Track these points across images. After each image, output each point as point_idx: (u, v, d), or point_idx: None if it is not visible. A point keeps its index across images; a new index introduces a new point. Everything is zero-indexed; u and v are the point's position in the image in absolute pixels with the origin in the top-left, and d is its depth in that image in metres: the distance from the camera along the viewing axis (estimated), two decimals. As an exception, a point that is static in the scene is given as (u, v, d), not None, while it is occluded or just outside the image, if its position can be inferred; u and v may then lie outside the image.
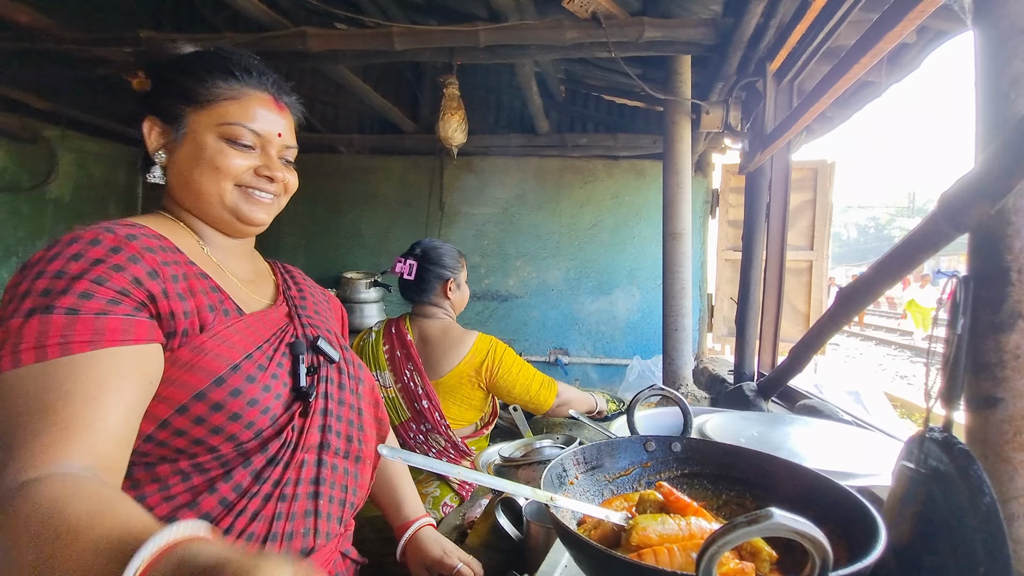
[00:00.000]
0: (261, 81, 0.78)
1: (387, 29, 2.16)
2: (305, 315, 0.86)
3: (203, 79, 0.75)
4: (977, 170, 0.77)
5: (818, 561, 0.42)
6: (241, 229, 0.81)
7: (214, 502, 0.68)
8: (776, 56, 2.01)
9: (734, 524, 0.42)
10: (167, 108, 0.76)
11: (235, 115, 0.75)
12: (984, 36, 0.82)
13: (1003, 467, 0.77)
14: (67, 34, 2.33)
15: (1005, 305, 0.76)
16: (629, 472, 0.82)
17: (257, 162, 0.77)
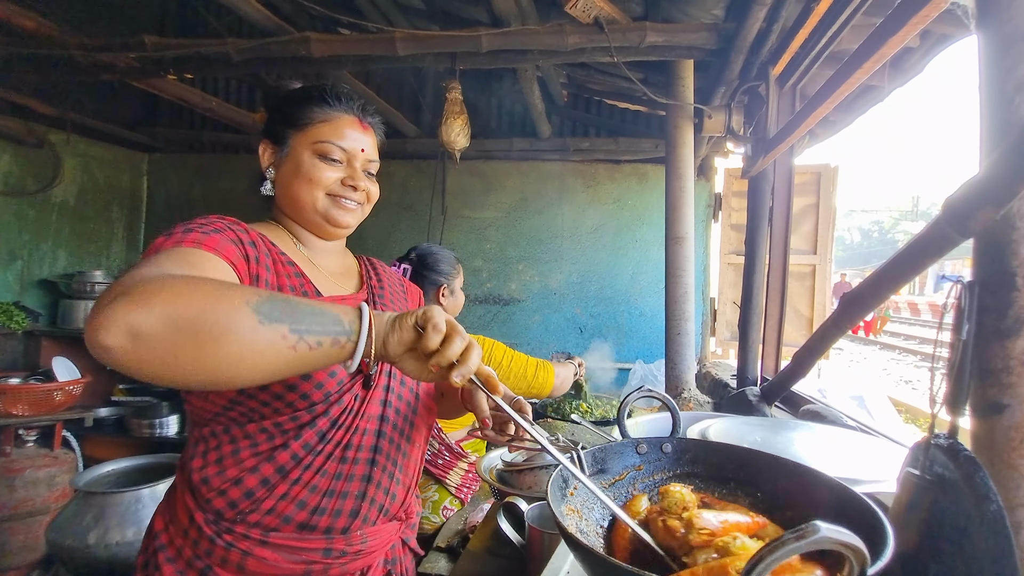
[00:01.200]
0: (349, 106, 0.93)
1: (390, 34, 2.17)
2: (381, 303, 0.99)
3: (302, 106, 0.91)
4: (982, 175, 0.77)
5: (856, 567, 0.43)
6: (330, 231, 0.94)
7: (287, 456, 0.81)
8: (779, 61, 2.01)
9: (783, 541, 0.42)
10: (276, 132, 0.93)
11: (326, 134, 0.90)
12: (988, 41, 0.82)
13: (1010, 474, 0.76)
14: (72, 39, 2.35)
15: (1011, 311, 0.76)
16: (624, 476, 0.81)
17: (344, 174, 0.92)
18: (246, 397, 0.80)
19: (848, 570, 0.45)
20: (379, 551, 0.91)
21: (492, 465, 1.35)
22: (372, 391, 0.89)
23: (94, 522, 2.06)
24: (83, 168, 3.57)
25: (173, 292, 0.56)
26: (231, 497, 0.81)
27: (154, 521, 0.89)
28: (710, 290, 3.74)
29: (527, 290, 3.91)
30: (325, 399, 0.83)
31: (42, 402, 2.80)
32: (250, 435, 0.82)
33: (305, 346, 0.60)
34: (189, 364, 0.56)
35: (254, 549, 0.80)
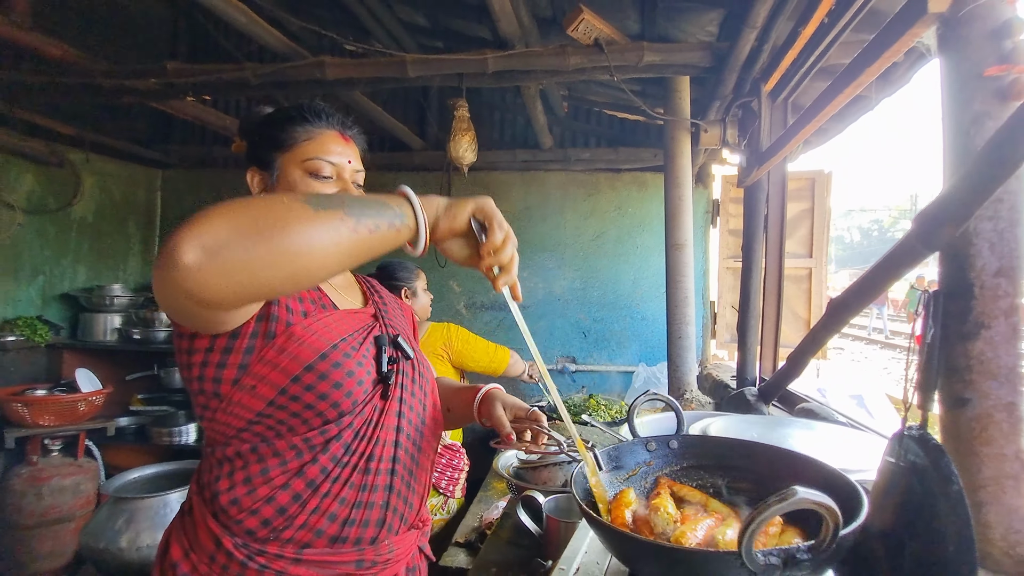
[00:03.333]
0: (329, 121, 0.94)
1: (401, 58, 2.28)
2: (387, 318, 1.01)
3: (284, 128, 0.92)
4: (943, 196, 0.88)
5: (831, 524, 0.53)
6: None
7: (317, 470, 0.83)
8: (770, 77, 2.12)
9: (768, 503, 0.52)
10: (262, 157, 0.93)
11: (313, 151, 0.91)
12: (947, 77, 0.93)
13: (972, 460, 0.86)
14: (96, 66, 2.46)
15: (970, 316, 0.86)
16: (637, 472, 0.91)
17: (337, 188, 0.93)
18: (275, 408, 0.80)
19: (825, 528, 0.55)
20: (403, 560, 0.94)
21: (509, 464, 1.45)
22: (389, 403, 0.91)
23: (126, 526, 2.16)
24: (100, 185, 3.68)
25: (230, 207, 0.59)
26: (264, 515, 0.81)
27: (170, 549, 0.86)
28: (710, 294, 3.84)
29: (532, 297, 4.01)
30: (352, 408, 0.84)
31: (67, 412, 2.91)
32: (279, 452, 0.82)
33: (365, 229, 0.62)
34: (265, 265, 0.57)
35: (288, 568, 0.81)
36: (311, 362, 0.81)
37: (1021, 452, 0.87)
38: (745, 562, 0.54)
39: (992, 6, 0.87)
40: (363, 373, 0.86)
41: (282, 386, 0.80)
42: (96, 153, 3.53)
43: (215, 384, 0.80)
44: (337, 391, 0.82)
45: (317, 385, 0.81)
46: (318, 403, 0.81)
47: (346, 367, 0.84)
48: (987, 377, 0.86)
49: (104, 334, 3.47)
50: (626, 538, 0.67)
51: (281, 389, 0.80)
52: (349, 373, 0.84)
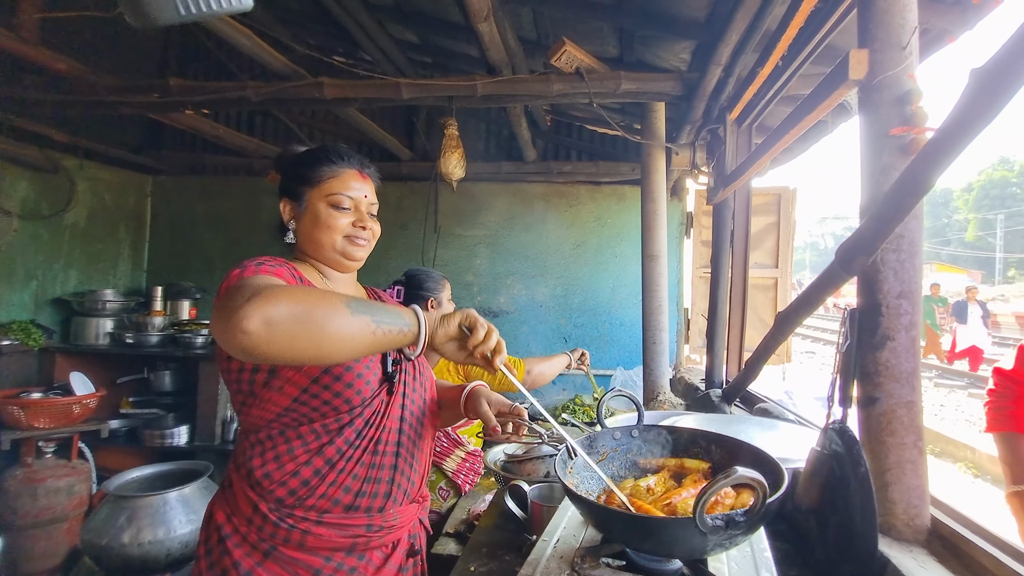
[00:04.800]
0: (350, 162, 1.12)
1: (395, 81, 2.43)
2: None
3: (313, 166, 1.10)
4: (858, 232, 1.07)
5: (760, 494, 0.70)
6: (347, 265, 1.13)
7: (333, 451, 1.00)
8: (735, 107, 2.32)
9: (717, 479, 0.69)
10: (293, 191, 1.11)
11: (336, 187, 1.09)
12: (864, 131, 1.12)
13: (880, 448, 1.05)
14: (101, 81, 2.55)
15: (879, 330, 1.05)
16: (605, 457, 1.08)
17: (354, 218, 1.10)
18: (299, 404, 0.98)
19: (755, 497, 0.72)
20: (405, 527, 1.11)
21: (496, 458, 1.61)
22: (393, 397, 1.08)
23: (127, 523, 2.26)
24: (92, 191, 3.74)
25: (292, 293, 0.78)
26: (291, 486, 0.99)
27: (214, 514, 1.05)
28: (684, 301, 4.06)
29: (515, 303, 4.18)
30: (361, 403, 1.02)
31: (62, 415, 2.97)
32: (302, 435, 1.00)
33: (382, 333, 0.82)
34: (305, 343, 0.76)
35: (312, 528, 0.99)
36: (328, 367, 0.98)
37: (919, 441, 1.06)
38: (698, 525, 0.71)
39: (898, 77, 1.06)
40: (371, 375, 1.04)
41: (304, 386, 0.98)
42: (89, 159, 3.60)
43: (250, 385, 1.00)
44: (349, 390, 1.00)
45: (333, 385, 0.99)
46: (334, 399, 0.99)
47: (356, 370, 1.01)
48: (892, 380, 1.05)
49: (96, 338, 3.53)
50: (601, 509, 0.84)
51: (303, 388, 0.98)
52: (359, 375, 1.01)
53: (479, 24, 2.03)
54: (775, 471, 0.89)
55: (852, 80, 1.12)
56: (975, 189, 41.91)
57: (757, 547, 0.97)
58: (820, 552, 1.12)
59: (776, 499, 0.80)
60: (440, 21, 3.09)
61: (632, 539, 0.87)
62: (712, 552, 0.82)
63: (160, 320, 3.66)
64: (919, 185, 0.91)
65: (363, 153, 4.59)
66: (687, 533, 0.75)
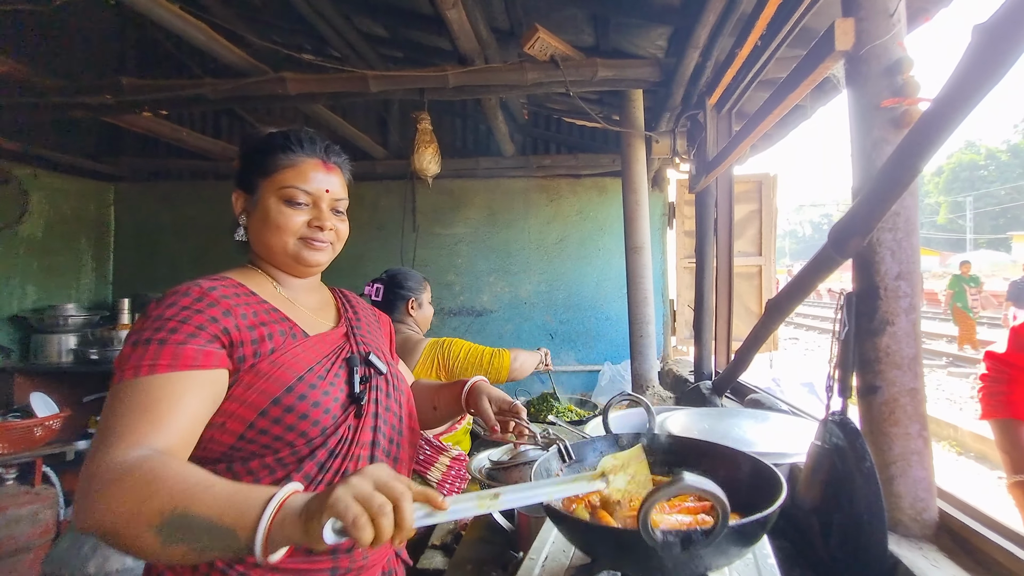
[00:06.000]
0: (312, 149, 0.96)
1: (362, 73, 2.32)
2: (360, 334, 1.03)
3: (268, 153, 0.94)
4: (851, 212, 1.01)
5: (720, 510, 0.62)
6: (303, 271, 0.99)
7: None
8: (714, 91, 2.27)
9: (659, 488, 0.61)
10: (247, 181, 0.96)
11: (291, 179, 0.93)
12: (852, 105, 1.06)
13: (883, 439, 0.99)
14: (47, 82, 2.40)
15: (877, 315, 0.99)
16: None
17: (310, 216, 0.94)
18: (246, 441, 0.83)
19: (715, 513, 0.63)
20: (378, 564, 0.96)
21: (481, 465, 1.52)
22: (363, 420, 0.93)
23: (91, 552, 2.12)
24: (49, 201, 3.55)
25: (98, 511, 0.66)
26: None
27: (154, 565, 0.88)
28: (669, 293, 4.01)
29: (498, 301, 4.10)
30: (321, 433, 0.87)
31: (22, 439, 2.81)
32: (252, 471, 0.84)
33: (206, 555, 0.66)
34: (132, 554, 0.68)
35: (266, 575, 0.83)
36: (277, 396, 0.84)
37: (924, 430, 1.01)
38: (643, 538, 0.62)
39: (886, 46, 1.00)
40: (330, 401, 0.89)
41: (250, 420, 0.84)
42: (44, 168, 3.41)
43: None
44: (303, 421, 0.85)
45: (284, 418, 0.84)
46: (286, 434, 0.85)
47: (312, 398, 0.87)
48: (893, 367, 0.99)
49: (58, 355, 3.35)
50: (562, 516, 0.76)
51: (249, 423, 0.84)
52: (315, 403, 0.87)
53: (447, 11, 1.93)
54: (772, 480, 0.82)
55: (839, 51, 1.06)
56: (945, 172, 42.98)
57: (760, 553, 0.91)
58: (823, 552, 1.06)
59: (764, 517, 0.72)
60: (409, 12, 2.98)
61: (592, 550, 0.79)
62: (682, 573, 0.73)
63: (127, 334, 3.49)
64: (917, 158, 0.85)
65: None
66: (641, 548, 0.65)
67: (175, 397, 0.77)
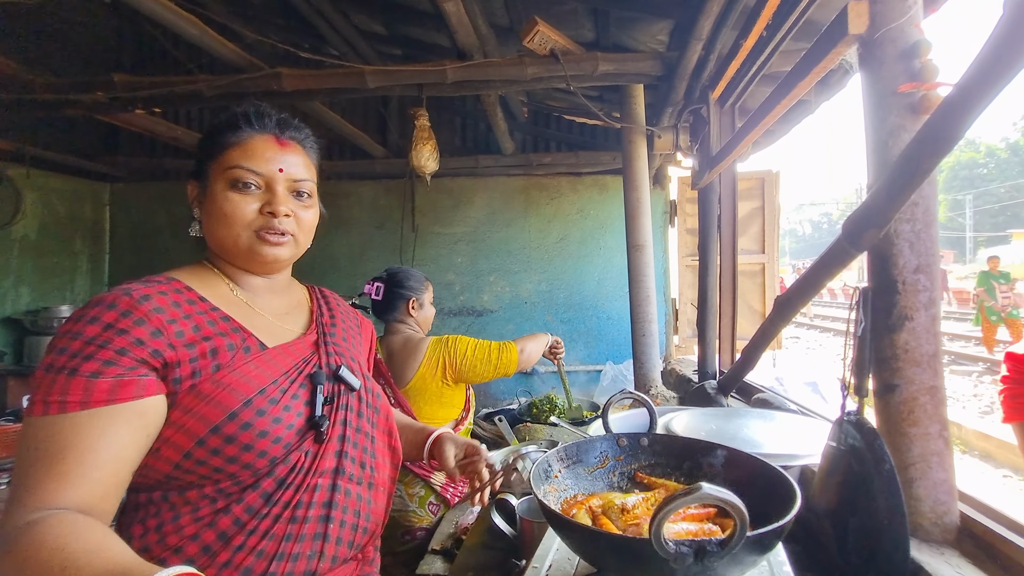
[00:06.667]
0: (262, 123, 0.83)
1: (359, 68, 2.28)
2: (332, 342, 0.91)
3: (216, 133, 0.83)
4: (867, 202, 0.96)
5: (738, 521, 0.57)
6: (263, 269, 0.87)
7: (229, 522, 0.75)
8: (717, 85, 2.22)
9: (675, 496, 0.56)
10: (198, 167, 0.85)
11: (236, 158, 0.80)
12: (867, 93, 1.02)
13: (902, 440, 0.95)
14: (39, 79, 2.36)
15: (895, 310, 0.95)
16: (605, 464, 0.96)
17: (260, 202, 0.81)
18: (182, 471, 0.73)
19: (734, 524, 0.58)
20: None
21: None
22: (325, 445, 0.82)
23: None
24: (43, 201, 3.51)
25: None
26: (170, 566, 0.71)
27: None
28: (671, 291, 3.97)
29: (499, 300, 4.05)
30: (269, 463, 0.76)
31: (14, 443, 2.76)
32: (190, 501, 0.75)
33: None
34: None
35: None
36: (217, 424, 0.73)
37: (944, 430, 0.96)
38: (655, 548, 0.58)
39: (903, 29, 0.96)
40: (281, 429, 0.77)
41: (187, 449, 0.73)
42: (38, 168, 3.37)
43: None
44: (247, 453, 0.74)
45: (224, 448, 0.73)
46: (227, 465, 0.74)
47: (259, 426, 0.75)
48: (911, 364, 0.94)
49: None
50: (563, 521, 0.72)
51: (186, 453, 0.73)
52: (262, 433, 0.75)
53: (445, 3, 1.89)
54: (786, 488, 0.77)
55: (852, 35, 1.01)
56: (944, 171, 42.95)
57: (775, 560, 0.86)
58: (838, 557, 1.02)
59: (772, 530, 0.67)
60: (407, 8, 2.95)
61: (598, 560, 0.74)
62: None
63: (123, 335, 3.45)
64: (939, 144, 0.81)
65: (333, 152, 4.41)
66: (650, 558, 0.61)
67: (88, 441, 0.65)
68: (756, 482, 0.86)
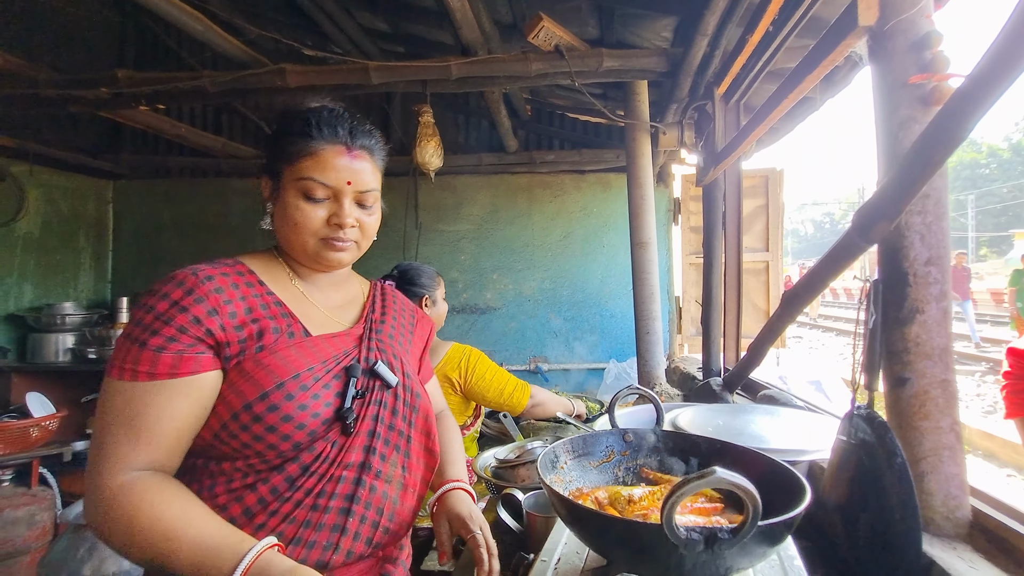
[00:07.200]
0: (332, 134, 0.85)
1: (364, 64, 2.28)
2: (377, 338, 0.94)
3: (289, 138, 0.85)
4: (877, 194, 0.96)
5: (751, 508, 0.56)
6: (326, 269, 0.92)
7: (254, 499, 0.79)
8: (722, 81, 2.22)
9: (688, 479, 0.56)
10: (271, 165, 0.88)
11: (309, 170, 0.83)
12: (877, 84, 1.01)
13: (913, 434, 0.94)
14: (42, 75, 2.36)
15: (906, 303, 0.94)
16: (611, 458, 0.96)
17: (330, 211, 0.85)
18: (219, 441, 0.79)
19: (745, 510, 0.58)
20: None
21: (487, 464, 1.47)
22: (352, 438, 0.84)
23: (88, 555, 2.08)
24: (46, 199, 3.51)
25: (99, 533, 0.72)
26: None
27: None
28: (675, 289, 3.96)
29: (502, 298, 4.05)
30: (295, 448, 0.79)
31: (18, 440, 2.76)
32: (225, 472, 0.80)
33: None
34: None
35: None
36: (249, 402, 0.77)
37: (956, 424, 0.96)
38: (667, 534, 0.57)
39: (913, 20, 0.95)
40: (307, 416, 0.79)
41: (224, 421, 0.78)
42: (41, 165, 3.37)
43: None
44: (271, 434, 0.78)
45: (252, 426, 0.77)
46: (254, 443, 0.78)
47: (284, 410, 0.78)
48: (923, 357, 0.94)
49: (56, 355, 3.31)
50: (572, 505, 0.71)
51: (223, 424, 0.78)
52: (286, 417, 0.78)
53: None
54: (793, 482, 0.77)
55: (862, 27, 1.01)
56: (947, 173, 42.72)
57: (785, 555, 0.86)
58: (847, 552, 1.01)
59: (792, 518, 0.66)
60: (410, 6, 2.94)
61: (607, 548, 0.74)
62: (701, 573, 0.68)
63: (126, 333, 3.46)
64: (951, 135, 0.80)
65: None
66: (659, 545, 0.60)
67: (155, 411, 0.74)
68: (764, 478, 0.85)
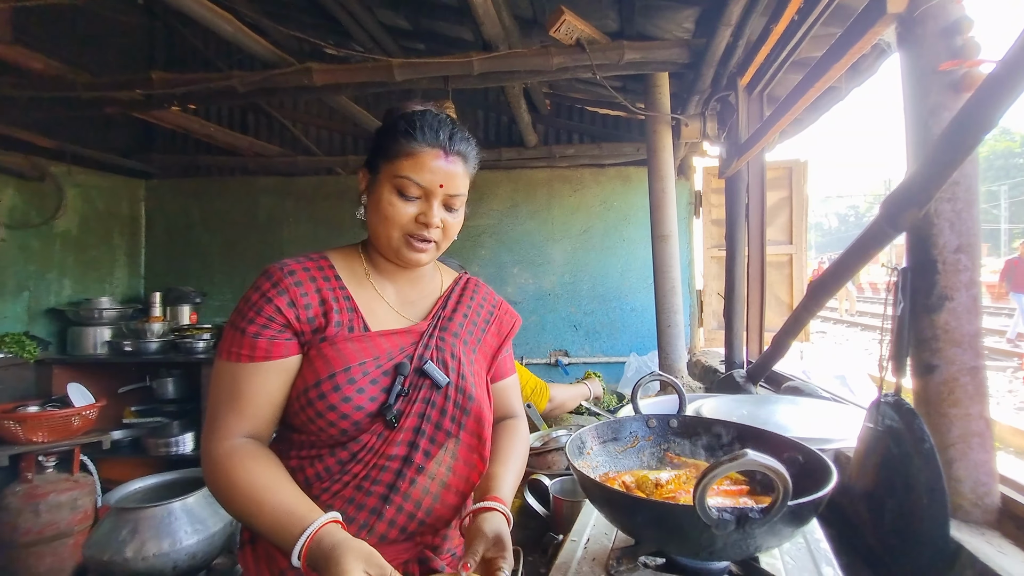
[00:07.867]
0: (435, 138, 0.89)
1: (387, 62, 2.32)
2: (439, 335, 0.96)
3: (392, 136, 0.90)
4: (906, 182, 0.96)
5: (781, 489, 0.58)
6: (404, 266, 0.96)
7: (313, 473, 0.88)
8: (746, 72, 2.20)
9: (720, 461, 0.58)
10: (372, 160, 0.94)
11: (406, 169, 0.88)
12: (906, 71, 1.00)
13: (942, 421, 0.94)
14: (80, 78, 2.45)
15: (935, 290, 0.94)
16: (635, 444, 0.98)
17: (419, 210, 0.89)
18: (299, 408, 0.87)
19: (776, 492, 0.59)
20: None
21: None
22: (396, 433, 0.88)
23: (130, 536, 2.17)
24: (83, 198, 3.65)
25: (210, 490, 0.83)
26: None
27: None
28: (696, 283, 3.94)
29: (523, 292, 4.07)
30: (342, 434, 0.86)
31: (61, 428, 2.89)
32: (294, 443, 0.91)
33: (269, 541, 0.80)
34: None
35: None
36: (306, 387, 0.86)
37: (985, 411, 0.95)
38: (699, 514, 0.59)
39: (944, 6, 0.95)
40: (350, 408, 0.85)
41: (293, 396, 0.88)
42: (77, 165, 3.50)
43: None
44: (320, 419, 0.85)
45: (306, 409, 0.86)
46: (308, 424, 0.86)
47: (330, 400, 0.84)
48: (952, 345, 0.93)
49: (94, 347, 3.44)
50: (605, 489, 0.74)
51: (303, 391, 0.87)
52: (331, 407, 0.84)
53: (472, -5, 1.91)
54: (820, 464, 0.78)
55: (891, 14, 1.00)
56: (979, 161, 41.28)
57: (811, 538, 0.87)
58: (872, 538, 1.02)
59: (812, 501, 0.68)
60: (431, 2, 2.97)
61: (637, 529, 0.76)
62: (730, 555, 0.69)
63: (159, 326, 3.57)
64: (982, 120, 0.80)
65: (359, 145, 4.46)
66: (691, 526, 0.63)
67: (253, 387, 0.85)
68: (789, 463, 0.87)
